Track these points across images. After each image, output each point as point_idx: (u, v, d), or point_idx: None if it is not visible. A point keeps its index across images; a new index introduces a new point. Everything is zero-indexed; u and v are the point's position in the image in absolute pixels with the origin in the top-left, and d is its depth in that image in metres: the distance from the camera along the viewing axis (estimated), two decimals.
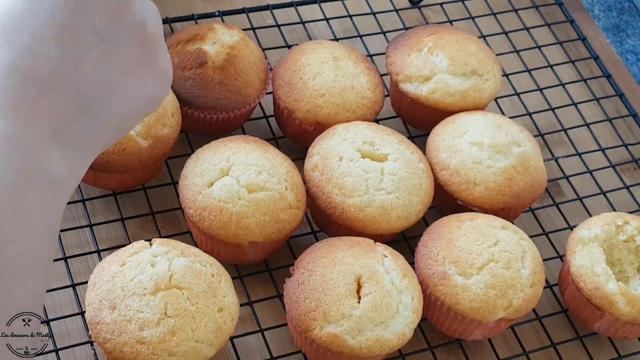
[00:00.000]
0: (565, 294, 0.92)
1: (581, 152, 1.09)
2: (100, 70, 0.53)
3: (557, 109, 1.12)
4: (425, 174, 0.92)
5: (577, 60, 1.18)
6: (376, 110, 0.99)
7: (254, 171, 0.86)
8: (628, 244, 0.91)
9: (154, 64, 0.57)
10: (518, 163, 0.93)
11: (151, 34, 0.56)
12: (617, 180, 1.07)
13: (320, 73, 0.96)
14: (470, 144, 0.93)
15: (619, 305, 0.86)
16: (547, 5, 1.24)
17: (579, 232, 0.91)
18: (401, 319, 0.81)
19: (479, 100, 1.00)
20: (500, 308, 0.84)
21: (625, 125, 1.14)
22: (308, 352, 0.84)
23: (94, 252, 0.88)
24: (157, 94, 0.58)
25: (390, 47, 1.03)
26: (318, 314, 0.80)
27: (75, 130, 0.53)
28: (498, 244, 0.86)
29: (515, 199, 0.92)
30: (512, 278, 0.84)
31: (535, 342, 0.92)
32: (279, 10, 1.13)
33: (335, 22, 1.14)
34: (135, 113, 0.58)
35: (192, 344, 0.75)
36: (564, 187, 1.05)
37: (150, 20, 0.57)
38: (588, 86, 1.16)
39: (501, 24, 1.19)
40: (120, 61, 0.54)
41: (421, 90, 0.99)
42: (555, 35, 1.21)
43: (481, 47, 1.03)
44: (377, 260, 0.83)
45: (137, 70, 0.56)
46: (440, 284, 0.85)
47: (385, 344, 0.80)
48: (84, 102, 0.53)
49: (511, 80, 1.13)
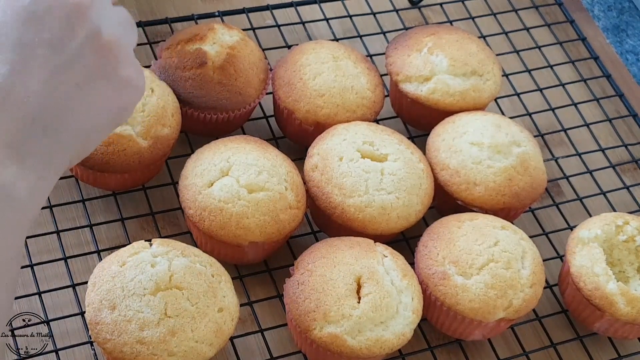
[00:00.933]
0: (565, 294, 0.92)
1: (581, 152, 1.09)
2: (54, 86, 0.51)
3: (557, 109, 1.12)
4: (425, 174, 0.92)
5: (577, 60, 1.18)
6: (376, 110, 0.99)
7: (254, 171, 0.85)
8: (628, 244, 0.91)
9: (114, 73, 0.54)
10: (518, 163, 0.93)
11: (107, 42, 0.54)
12: (617, 181, 1.07)
13: (320, 73, 0.96)
14: (470, 144, 0.93)
15: (619, 305, 0.86)
16: (547, 6, 1.24)
17: (579, 232, 0.91)
18: (401, 319, 0.81)
19: (479, 100, 1.00)
20: (500, 308, 0.84)
21: (625, 126, 1.14)
22: (308, 352, 0.84)
23: (94, 252, 0.88)
24: (123, 103, 0.56)
25: (390, 47, 1.03)
26: (318, 314, 0.80)
27: (31, 147, 0.51)
28: (498, 244, 0.86)
29: (515, 199, 0.92)
30: (512, 278, 0.84)
31: (535, 342, 0.92)
32: (278, 11, 1.13)
33: (335, 22, 1.14)
34: (101, 125, 0.55)
35: (192, 344, 0.75)
36: (564, 187, 1.05)
37: (107, 27, 0.54)
38: (588, 86, 1.16)
39: (501, 24, 1.19)
40: (76, 74, 0.52)
41: (421, 90, 0.99)
42: (555, 36, 1.21)
43: (481, 47, 1.03)
44: (377, 261, 0.83)
45: (96, 81, 0.53)
46: (440, 284, 0.85)
47: (385, 344, 0.80)
48: (37, 119, 0.51)
49: (511, 81, 1.13)
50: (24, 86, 0.50)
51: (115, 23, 0.55)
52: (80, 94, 0.53)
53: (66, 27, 0.51)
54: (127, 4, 1.10)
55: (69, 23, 0.52)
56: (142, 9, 1.10)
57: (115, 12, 0.56)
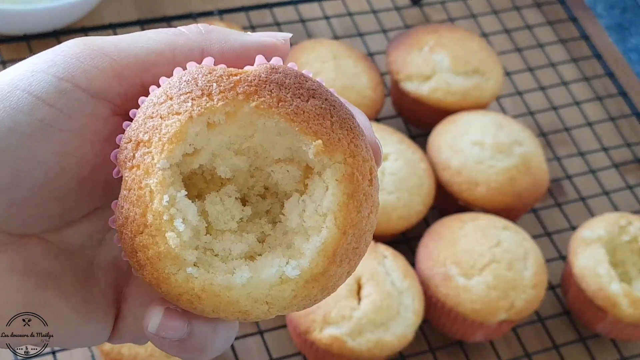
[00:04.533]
0: (568, 296, 0.92)
1: (584, 151, 1.08)
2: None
3: (559, 108, 1.11)
4: (427, 174, 0.91)
5: (580, 59, 1.18)
6: (377, 109, 0.98)
7: None
8: (631, 244, 0.90)
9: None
10: (520, 163, 0.92)
11: None
12: (619, 181, 1.06)
13: (321, 72, 0.96)
14: (471, 143, 0.93)
15: (622, 306, 0.86)
16: (549, 4, 1.23)
17: (582, 233, 0.90)
18: (402, 321, 0.81)
19: (480, 99, 0.99)
20: (502, 309, 0.83)
21: (628, 125, 1.13)
22: (308, 353, 0.83)
23: None
24: None
25: (391, 46, 1.03)
26: (318, 315, 0.79)
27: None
28: (500, 245, 0.85)
29: (517, 199, 0.92)
30: (515, 279, 0.84)
31: (538, 344, 0.92)
32: (278, 9, 1.12)
33: (335, 20, 1.13)
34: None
35: None
36: (566, 187, 1.05)
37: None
38: (590, 85, 1.15)
39: (503, 22, 1.19)
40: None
41: (422, 89, 0.98)
42: (557, 34, 1.20)
43: (483, 45, 1.02)
44: (378, 261, 0.82)
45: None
46: (442, 285, 0.84)
47: (385, 346, 0.80)
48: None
49: (513, 79, 1.12)
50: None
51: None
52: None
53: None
54: (125, 2, 1.09)
55: None
56: (140, 8, 1.10)
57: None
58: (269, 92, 0.35)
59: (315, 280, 0.35)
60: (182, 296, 0.35)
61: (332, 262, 0.35)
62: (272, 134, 0.35)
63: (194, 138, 0.35)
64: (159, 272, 0.35)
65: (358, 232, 0.35)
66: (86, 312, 0.40)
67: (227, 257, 0.36)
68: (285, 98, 0.35)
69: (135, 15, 1.08)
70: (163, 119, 0.35)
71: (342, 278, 0.36)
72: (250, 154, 0.37)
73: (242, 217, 0.37)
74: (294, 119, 0.34)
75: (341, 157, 0.35)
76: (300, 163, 0.36)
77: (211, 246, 0.36)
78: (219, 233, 0.36)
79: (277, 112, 0.34)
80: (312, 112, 0.35)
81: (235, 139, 0.36)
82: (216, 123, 0.35)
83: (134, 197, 0.35)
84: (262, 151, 0.37)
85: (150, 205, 0.34)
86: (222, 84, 0.35)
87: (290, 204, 0.36)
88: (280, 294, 0.35)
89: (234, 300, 0.35)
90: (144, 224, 0.34)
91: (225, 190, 0.37)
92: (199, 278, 0.34)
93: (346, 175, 0.35)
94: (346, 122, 0.35)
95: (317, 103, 0.35)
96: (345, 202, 0.34)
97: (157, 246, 0.34)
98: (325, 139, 0.34)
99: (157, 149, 0.35)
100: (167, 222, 0.34)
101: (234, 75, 0.35)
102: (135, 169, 0.35)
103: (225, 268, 0.35)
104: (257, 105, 0.34)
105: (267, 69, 0.35)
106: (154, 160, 0.35)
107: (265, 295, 0.35)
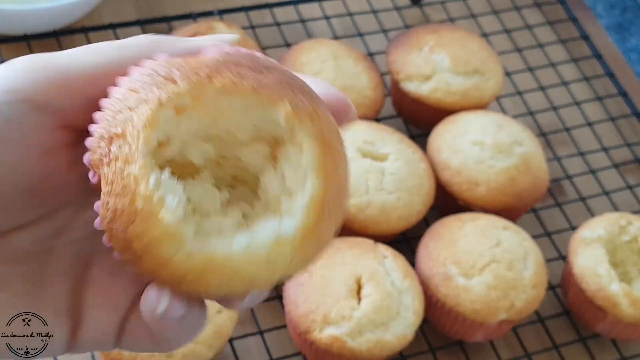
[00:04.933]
0: (568, 296, 0.92)
1: (584, 151, 1.08)
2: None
3: (559, 108, 1.11)
4: (427, 174, 0.91)
5: (580, 59, 1.18)
6: (377, 109, 0.98)
7: None
8: (631, 244, 0.90)
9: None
10: (520, 163, 0.92)
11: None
12: (620, 181, 1.07)
13: (320, 72, 0.96)
14: (471, 143, 0.93)
15: (622, 306, 0.86)
16: (549, 4, 1.23)
17: (582, 233, 0.90)
18: (402, 321, 0.81)
19: (480, 99, 0.99)
20: (502, 309, 0.83)
21: (628, 125, 1.13)
22: (308, 353, 0.83)
23: None
24: None
25: (391, 46, 1.03)
26: (318, 315, 0.79)
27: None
28: (500, 245, 0.85)
29: (517, 199, 0.92)
30: (515, 279, 0.84)
31: (538, 344, 0.92)
32: (278, 9, 1.12)
33: (335, 20, 1.13)
34: None
35: (190, 345, 0.75)
36: (566, 187, 1.05)
37: None
38: (591, 85, 1.15)
39: (503, 22, 1.19)
40: None
41: (422, 89, 0.98)
42: (557, 34, 1.20)
43: (483, 45, 1.02)
44: (378, 261, 0.82)
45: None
46: (442, 285, 0.84)
47: (385, 346, 0.80)
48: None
49: (513, 80, 1.12)
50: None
51: None
52: None
53: None
54: (125, 2, 1.09)
55: None
56: (140, 8, 1.09)
57: None
58: (230, 71, 0.36)
59: (311, 233, 0.35)
60: (186, 277, 0.35)
61: (322, 214, 0.35)
62: (238, 112, 0.36)
63: (165, 124, 0.35)
64: (158, 257, 0.34)
65: (337, 185, 0.36)
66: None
67: (220, 231, 0.36)
68: (246, 74, 0.36)
69: (135, 15, 1.08)
70: (132, 110, 0.35)
71: (330, 235, 0.37)
72: (216, 142, 0.37)
73: (222, 200, 0.37)
74: (260, 91, 0.35)
75: (308, 119, 0.36)
76: (267, 139, 0.37)
77: (202, 225, 0.36)
78: (205, 213, 0.36)
79: (242, 87, 0.35)
80: (274, 84, 0.36)
81: (202, 125, 0.36)
82: (184, 108, 0.35)
83: (118, 189, 0.35)
84: (227, 136, 0.37)
85: (137, 191, 0.34)
86: (183, 70, 0.36)
87: (266, 176, 0.37)
88: (280, 255, 0.35)
89: (237, 269, 0.35)
90: (134, 211, 0.34)
91: (201, 177, 0.37)
92: (200, 252, 0.34)
93: (317, 132, 0.36)
94: (304, 89, 0.37)
95: (277, 76, 0.36)
96: (322, 156, 0.35)
97: (154, 229, 0.34)
98: (292, 105, 0.36)
99: (133, 137, 0.35)
100: (157, 203, 0.34)
101: (191, 62, 0.36)
102: (114, 162, 0.35)
103: (222, 240, 0.35)
104: (221, 84, 0.35)
105: (222, 53, 0.37)
106: (132, 149, 0.35)
107: (266, 258, 0.35)
